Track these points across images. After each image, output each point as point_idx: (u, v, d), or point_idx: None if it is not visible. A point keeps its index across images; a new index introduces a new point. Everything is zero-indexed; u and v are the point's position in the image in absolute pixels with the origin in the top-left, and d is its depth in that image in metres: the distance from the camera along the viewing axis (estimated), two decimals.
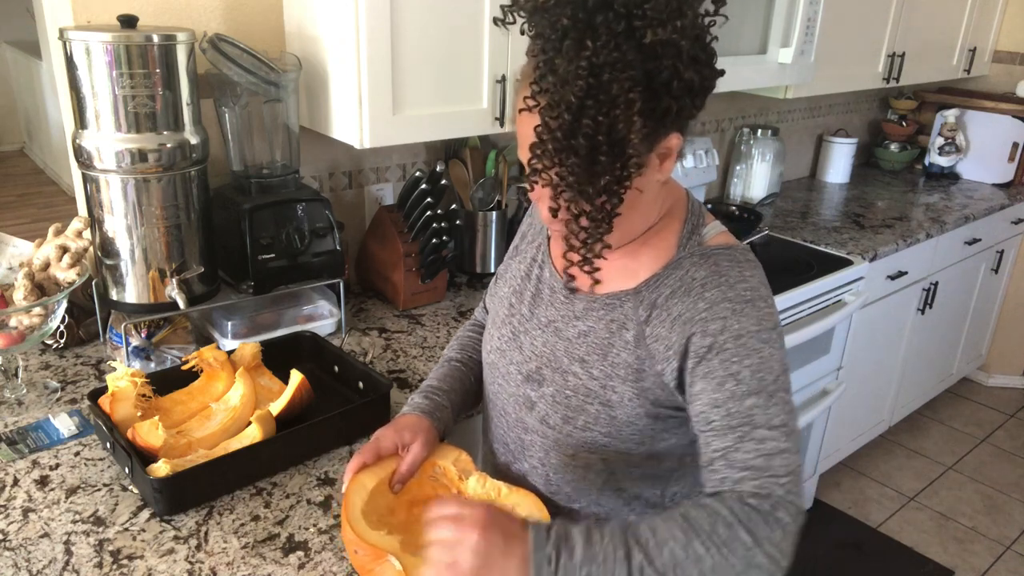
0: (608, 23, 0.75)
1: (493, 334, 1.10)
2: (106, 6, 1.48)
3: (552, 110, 0.77)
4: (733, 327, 0.87)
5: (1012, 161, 3.24)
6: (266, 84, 1.52)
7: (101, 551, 1.04)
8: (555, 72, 0.76)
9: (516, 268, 1.12)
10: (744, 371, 0.86)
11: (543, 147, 0.79)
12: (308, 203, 1.59)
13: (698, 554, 0.79)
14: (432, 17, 1.51)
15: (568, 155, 0.78)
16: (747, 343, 0.87)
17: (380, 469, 1.02)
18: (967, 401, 3.52)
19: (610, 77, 0.75)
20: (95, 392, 1.26)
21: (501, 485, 1.01)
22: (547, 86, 0.77)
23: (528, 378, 1.03)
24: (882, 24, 2.67)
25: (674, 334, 0.90)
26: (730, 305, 0.88)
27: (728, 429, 0.85)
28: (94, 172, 1.38)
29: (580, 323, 0.98)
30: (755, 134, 2.81)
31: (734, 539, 0.80)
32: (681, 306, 0.90)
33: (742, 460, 0.84)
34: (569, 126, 0.76)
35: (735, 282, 0.90)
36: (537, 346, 1.03)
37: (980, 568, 2.53)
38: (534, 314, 1.05)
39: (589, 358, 0.97)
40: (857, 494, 2.86)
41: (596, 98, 0.75)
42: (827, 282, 2.22)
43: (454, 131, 1.65)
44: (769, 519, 0.81)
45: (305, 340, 1.51)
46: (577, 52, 0.75)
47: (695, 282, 0.91)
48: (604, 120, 0.76)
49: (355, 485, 0.99)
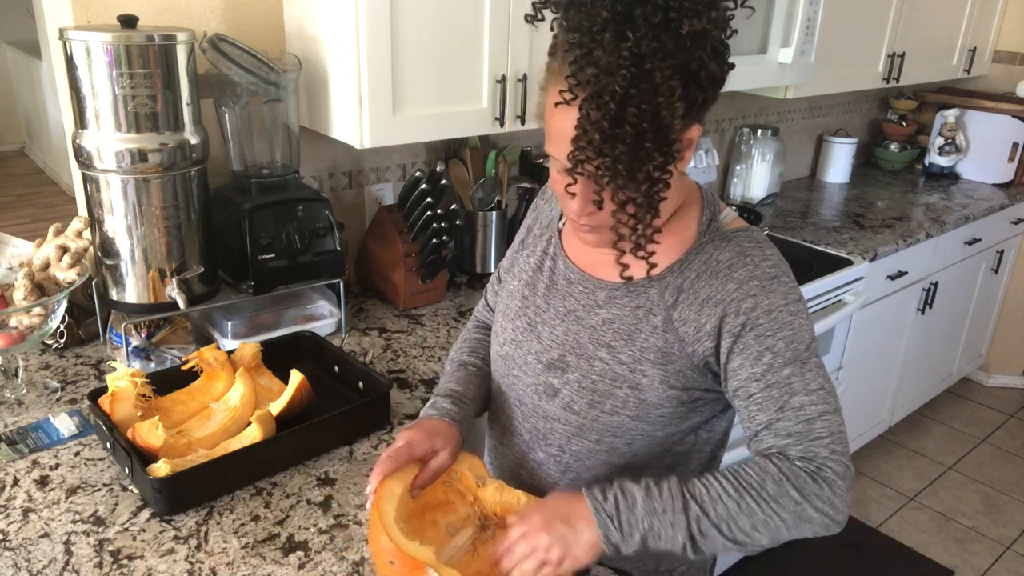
0: (647, 15, 0.76)
1: (506, 326, 1.11)
2: (106, 6, 1.48)
3: (595, 101, 0.78)
4: (764, 303, 0.92)
5: (1012, 161, 3.24)
6: (266, 84, 1.52)
7: (101, 551, 1.04)
8: (596, 64, 0.77)
9: (525, 262, 1.13)
10: (779, 343, 0.91)
11: (588, 138, 0.79)
12: (308, 203, 1.59)
13: (750, 508, 0.87)
14: (432, 17, 1.51)
15: (615, 144, 0.79)
16: (778, 317, 0.91)
17: (404, 475, 0.99)
18: (967, 401, 3.52)
19: (652, 66, 0.77)
20: (95, 392, 1.26)
21: (520, 494, 1.00)
22: (587, 78, 0.78)
23: (549, 366, 1.04)
24: (882, 24, 2.67)
25: (704, 316, 0.94)
26: (758, 283, 0.92)
27: (769, 400, 0.90)
28: (94, 172, 1.38)
29: (603, 311, 1.00)
30: (755, 134, 2.81)
31: (783, 495, 0.87)
32: (710, 289, 0.94)
33: (785, 428, 0.90)
34: (615, 115, 0.78)
35: (759, 261, 0.94)
36: (557, 335, 1.04)
37: (980, 568, 2.53)
38: (550, 304, 1.06)
39: (616, 343, 0.98)
40: (857, 494, 2.86)
41: (639, 87, 0.77)
42: (827, 282, 2.22)
43: (454, 131, 1.65)
44: (816, 477, 0.87)
45: (305, 340, 1.51)
46: (618, 43, 0.76)
47: (721, 264, 0.94)
48: (648, 108, 0.78)
49: (385, 492, 0.95)
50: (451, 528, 1.01)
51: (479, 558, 0.98)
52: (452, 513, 1.03)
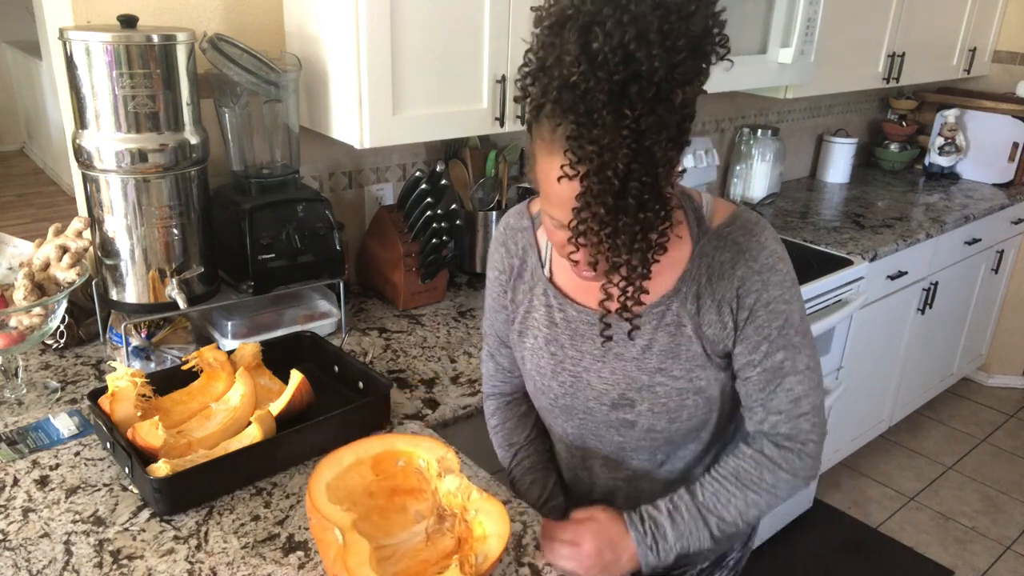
0: (642, 91, 0.78)
1: (551, 384, 1.13)
2: (106, 6, 1.48)
3: (597, 175, 0.81)
4: (763, 297, 1.00)
5: (1012, 161, 3.24)
6: (266, 84, 1.52)
7: (101, 551, 1.04)
8: (597, 142, 0.79)
9: (532, 321, 1.14)
10: (773, 332, 1.01)
11: (592, 211, 0.83)
12: (308, 203, 1.59)
13: (754, 500, 1.04)
14: (432, 17, 1.51)
15: (619, 216, 0.83)
16: (775, 308, 1.01)
17: (362, 449, 1.06)
18: (967, 401, 3.52)
19: (651, 141, 0.80)
20: (95, 392, 1.26)
21: (473, 489, 1.01)
22: (588, 155, 0.80)
23: (615, 406, 1.08)
24: (882, 24, 2.67)
25: (725, 315, 1.02)
26: (759, 278, 1.00)
27: (764, 382, 1.03)
28: (94, 172, 1.38)
29: (638, 340, 1.05)
30: (755, 134, 2.81)
31: (778, 480, 1.04)
32: (721, 289, 1.01)
33: (776, 406, 1.04)
34: (618, 190, 0.81)
35: (757, 253, 1.01)
36: (606, 376, 1.08)
37: (980, 568, 2.53)
38: (583, 352, 1.09)
39: (664, 364, 1.04)
40: (857, 494, 2.86)
41: (640, 161, 0.80)
42: (827, 282, 2.22)
43: (454, 131, 1.65)
44: (801, 454, 1.04)
45: (305, 340, 1.51)
46: (618, 122, 0.78)
47: (724, 265, 1.01)
48: (648, 180, 0.81)
49: (330, 459, 1.03)
50: (418, 515, 1.05)
51: (431, 547, 1.01)
52: (423, 501, 1.06)
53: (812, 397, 1.04)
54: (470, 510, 0.99)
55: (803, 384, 1.03)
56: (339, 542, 0.92)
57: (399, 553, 1.00)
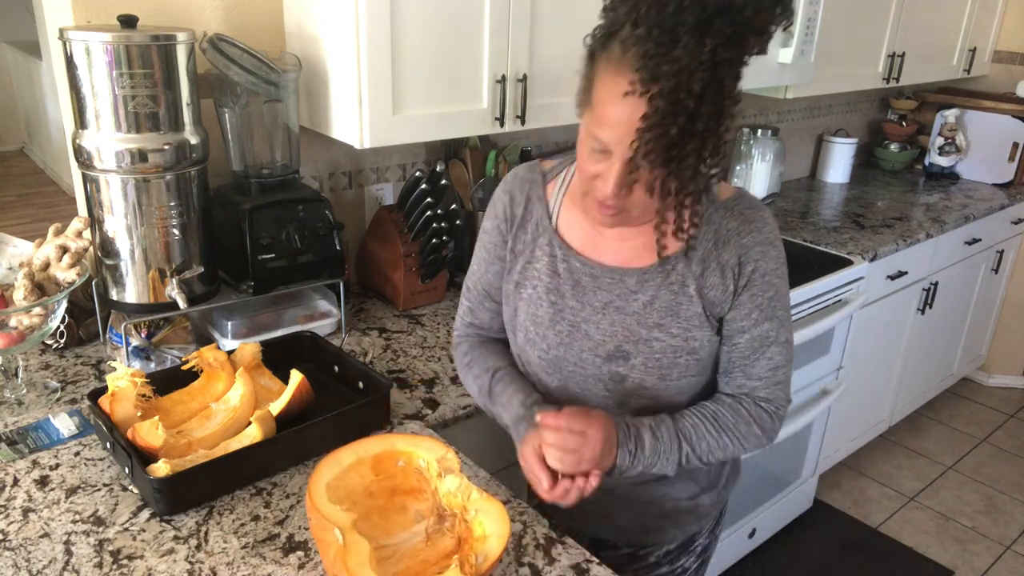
0: (722, 27, 0.83)
1: (546, 334, 1.13)
2: (106, 6, 1.48)
3: (672, 96, 0.84)
4: (761, 267, 1.07)
5: (1012, 161, 3.24)
6: (266, 84, 1.52)
7: (101, 551, 1.04)
8: (676, 62, 0.83)
9: (532, 271, 1.14)
10: (764, 302, 1.08)
11: (663, 129, 0.86)
12: (308, 203, 1.59)
13: (724, 443, 1.10)
14: (432, 17, 1.51)
15: (688, 140, 0.86)
16: (769, 280, 1.08)
17: (362, 449, 1.06)
18: (967, 401, 3.52)
19: (723, 74, 0.85)
20: (95, 392, 1.26)
21: (473, 489, 1.02)
22: (664, 75, 0.83)
23: (609, 358, 1.11)
24: (882, 24, 2.67)
25: (727, 279, 1.07)
26: (760, 248, 1.07)
27: (749, 349, 1.10)
28: (94, 172, 1.38)
29: (640, 295, 1.09)
30: (755, 134, 2.81)
31: (750, 433, 1.11)
32: (726, 254, 1.07)
33: (757, 372, 1.11)
34: (691, 113, 0.85)
35: (761, 226, 1.08)
36: (605, 327, 1.10)
37: (980, 568, 2.53)
38: (584, 303, 1.11)
39: (664, 321, 1.08)
40: (857, 494, 2.86)
41: (713, 89, 0.85)
42: (827, 282, 2.22)
43: (454, 131, 1.65)
44: (773, 416, 1.13)
45: (305, 340, 1.51)
46: (699, 48, 0.82)
47: (731, 232, 1.07)
48: (716, 109, 0.86)
49: (330, 459, 1.04)
50: (418, 515, 1.05)
51: (431, 547, 1.01)
52: (423, 501, 1.06)
53: (786, 368, 1.12)
54: (470, 510, 0.99)
55: (782, 355, 1.11)
56: (339, 542, 0.92)
57: (399, 553, 1.00)
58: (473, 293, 1.25)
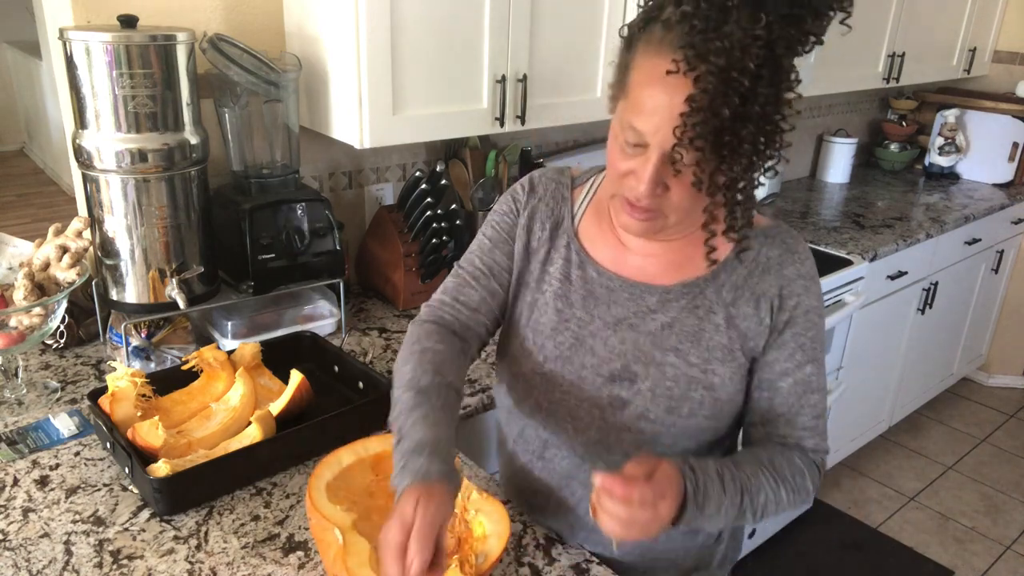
0: (777, 4, 0.75)
1: (544, 344, 1.03)
2: (106, 6, 1.48)
3: (724, 75, 0.75)
4: (804, 303, 0.97)
5: (1012, 161, 3.24)
6: (266, 84, 1.52)
7: (101, 551, 1.04)
8: (728, 37, 0.74)
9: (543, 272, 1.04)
10: (807, 342, 0.97)
11: (714, 111, 0.76)
12: (308, 203, 1.59)
13: (780, 498, 0.95)
14: (432, 17, 1.51)
15: (744, 123, 0.77)
16: (811, 318, 0.97)
17: (362, 449, 1.07)
18: (967, 401, 3.52)
19: (781, 52, 0.77)
20: (95, 392, 1.26)
21: (473, 489, 1.02)
22: (716, 50, 0.74)
23: (613, 378, 1.00)
24: (882, 24, 2.67)
25: (763, 311, 0.97)
26: (803, 282, 0.97)
27: (792, 395, 0.98)
28: (94, 172, 1.38)
29: (660, 316, 0.98)
30: None
31: (802, 487, 0.97)
32: (764, 284, 0.97)
33: (803, 422, 0.99)
34: (746, 92, 0.76)
35: (803, 259, 0.98)
36: (614, 345, 0.99)
37: (980, 568, 2.53)
38: (594, 316, 1.01)
39: (682, 346, 0.97)
40: (857, 494, 2.86)
41: (770, 68, 0.76)
42: (827, 282, 2.22)
43: (454, 131, 1.65)
44: (821, 468, 1.00)
45: (305, 340, 1.51)
46: (753, 23, 0.74)
47: (772, 261, 0.97)
48: (774, 92, 0.77)
49: (330, 459, 1.05)
50: None
51: None
52: None
53: (825, 418, 1.01)
54: (470, 510, 0.99)
55: (822, 403, 1.00)
56: (339, 542, 0.92)
57: None
58: (467, 270, 1.08)
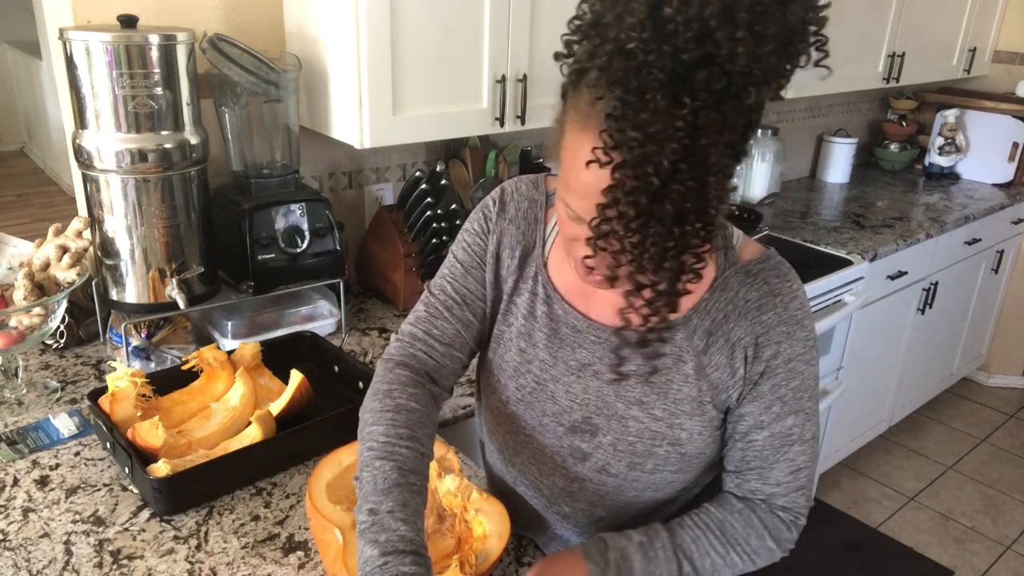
0: (710, 80, 0.64)
1: (507, 385, 0.98)
2: (106, 6, 1.48)
3: (634, 170, 0.66)
4: (785, 352, 0.89)
5: (1012, 161, 3.24)
6: (266, 84, 1.52)
7: (101, 551, 1.04)
8: (642, 129, 0.65)
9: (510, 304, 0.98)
10: (788, 393, 0.90)
11: (619, 210, 0.68)
12: (308, 203, 1.59)
13: (733, 561, 0.92)
14: (432, 17, 1.51)
15: (649, 223, 0.68)
16: (794, 367, 0.89)
17: None
18: (967, 401, 3.52)
19: (708, 141, 0.65)
20: (95, 392, 1.26)
21: (473, 489, 1.01)
22: (629, 142, 0.66)
23: (573, 429, 0.95)
24: (882, 24, 2.67)
25: (736, 360, 0.89)
26: (784, 328, 0.88)
27: (768, 449, 0.91)
28: (94, 172, 1.38)
29: (626, 364, 0.90)
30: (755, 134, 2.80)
31: (762, 547, 0.93)
32: (739, 331, 0.88)
33: (775, 477, 0.92)
34: (656, 191, 0.67)
35: (788, 302, 0.89)
36: (576, 393, 0.94)
37: (980, 568, 2.53)
38: (557, 359, 0.95)
39: (647, 399, 0.91)
40: (857, 494, 2.86)
41: (690, 162, 0.66)
42: (827, 282, 2.22)
43: (454, 131, 1.65)
44: (792, 526, 0.94)
45: (305, 340, 1.51)
46: (672, 110, 0.64)
47: (749, 304, 0.88)
48: (695, 186, 0.67)
49: (330, 459, 1.06)
50: None
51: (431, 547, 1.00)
52: None
53: (809, 469, 0.93)
54: (470, 510, 0.99)
55: (805, 455, 0.91)
56: (339, 542, 0.92)
57: None
58: (439, 297, 1.00)
